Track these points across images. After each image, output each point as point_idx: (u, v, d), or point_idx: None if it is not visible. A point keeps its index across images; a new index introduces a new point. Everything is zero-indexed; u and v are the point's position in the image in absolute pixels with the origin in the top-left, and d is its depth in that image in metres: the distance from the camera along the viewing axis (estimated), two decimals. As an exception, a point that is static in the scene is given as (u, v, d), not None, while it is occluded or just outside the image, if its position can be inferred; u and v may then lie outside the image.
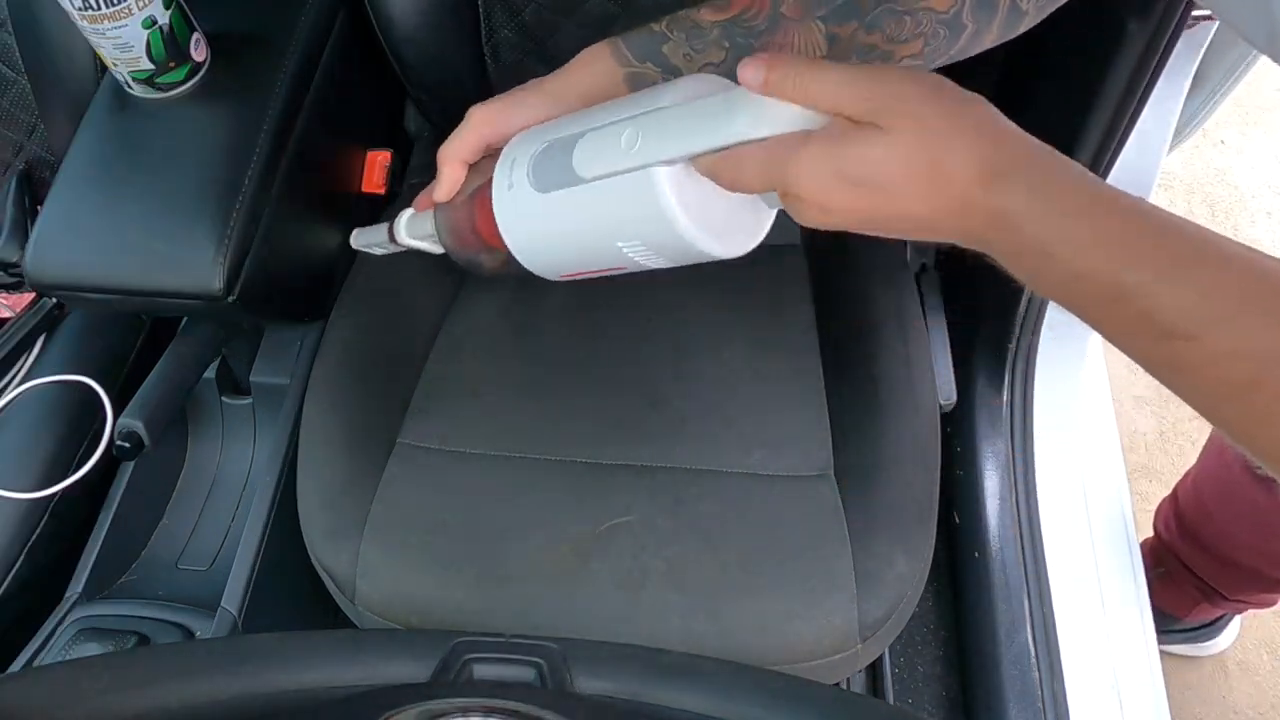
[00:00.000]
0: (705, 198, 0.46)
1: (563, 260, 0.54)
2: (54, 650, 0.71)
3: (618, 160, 0.47)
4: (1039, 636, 0.84)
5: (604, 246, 0.50)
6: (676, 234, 0.46)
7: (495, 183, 0.54)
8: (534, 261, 0.55)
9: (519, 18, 0.80)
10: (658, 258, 0.50)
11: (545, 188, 0.51)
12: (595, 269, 0.54)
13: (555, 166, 0.50)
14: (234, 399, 0.86)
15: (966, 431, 0.94)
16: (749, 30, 0.52)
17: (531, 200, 0.52)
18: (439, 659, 0.42)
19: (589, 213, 0.49)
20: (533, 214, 0.52)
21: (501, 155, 0.54)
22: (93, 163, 0.70)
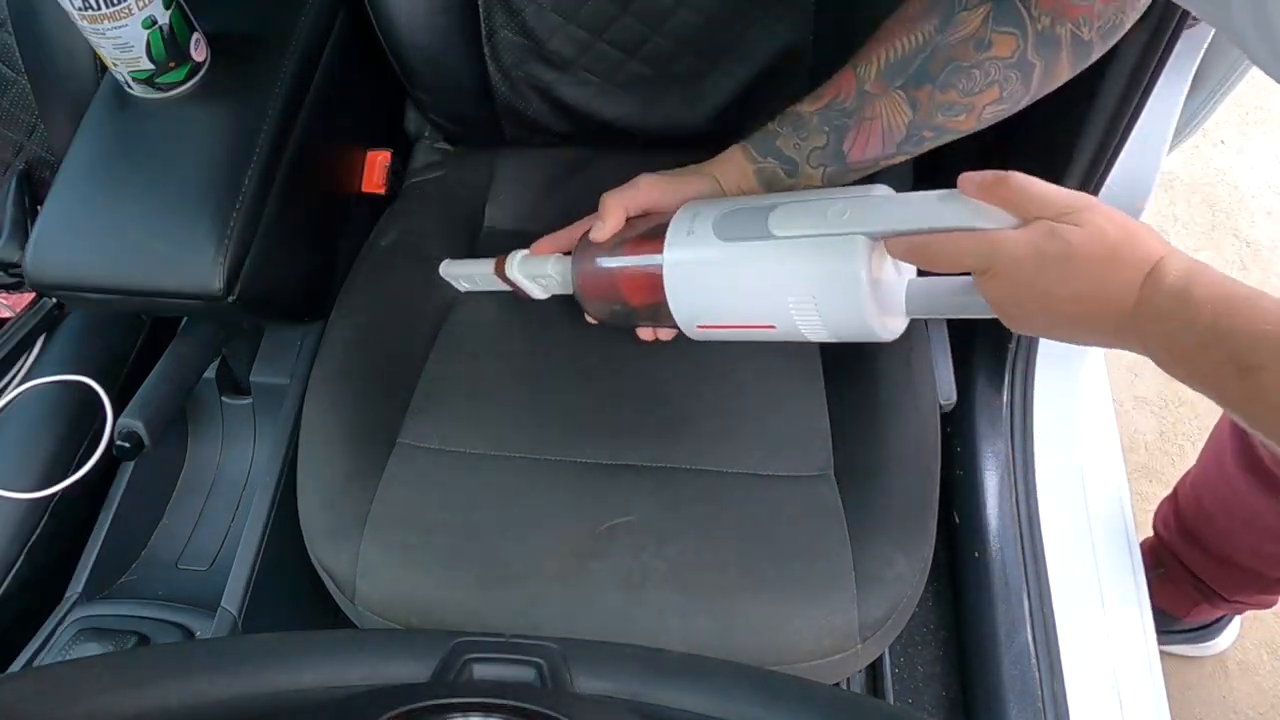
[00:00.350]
0: (881, 283, 0.53)
1: (716, 308, 0.59)
2: (54, 650, 0.71)
3: (821, 225, 0.53)
4: (1039, 636, 0.84)
5: (771, 302, 0.55)
6: (857, 297, 0.52)
7: (672, 228, 0.59)
8: (682, 305, 0.59)
9: (519, 18, 0.80)
10: (816, 321, 0.54)
11: (731, 238, 0.56)
12: (744, 323, 0.58)
13: (748, 223, 0.56)
14: (234, 399, 0.86)
15: (966, 431, 0.94)
16: (842, 112, 0.60)
17: (710, 245, 0.57)
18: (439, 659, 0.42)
19: (773, 264, 0.54)
20: (707, 258, 0.57)
21: (681, 210, 0.61)
22: (93, 163, 0.70)
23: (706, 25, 0.80)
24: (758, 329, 0.58)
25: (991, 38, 0.55)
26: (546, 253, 0.69)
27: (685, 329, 0.62)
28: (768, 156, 0.63)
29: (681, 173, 0.65)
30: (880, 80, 0.58)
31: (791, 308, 0.54)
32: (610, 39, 0.81)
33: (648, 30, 0.80)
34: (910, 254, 0.52)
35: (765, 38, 0.80)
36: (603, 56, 0.83)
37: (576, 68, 0.84)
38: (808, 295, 0.53)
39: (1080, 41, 0.56)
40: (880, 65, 0.58)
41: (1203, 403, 1.35)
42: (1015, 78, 0.56)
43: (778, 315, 0.56)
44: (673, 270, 0.58)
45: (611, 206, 0.63)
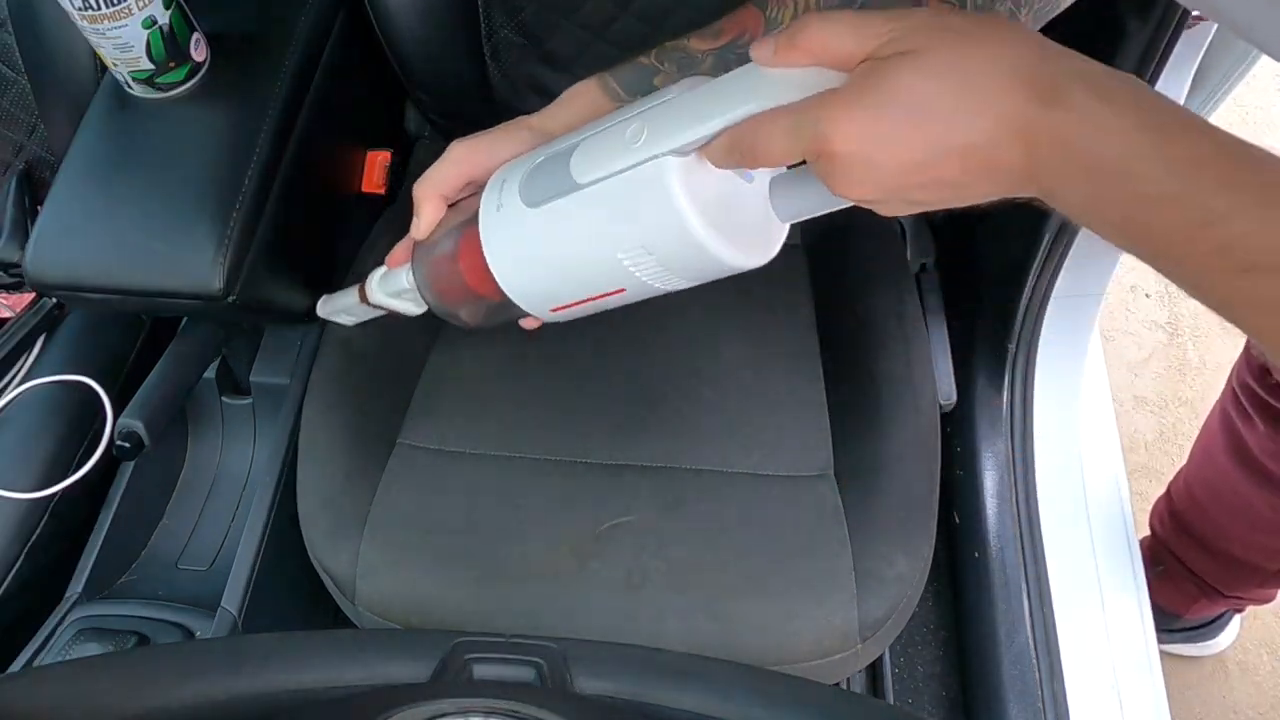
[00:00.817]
0: (719, 200, 0.42)
1: (556, 286, 0.49)
2: (54, 650, 0.71)
3: (621, 158, 0.42)
4: (1039, 636, 0.84)
5: (604, 262, 0.45)
6: (689, 235, 0.41)
7: (483, 207, 0.49)
8: (524, 292, 0.50)
9: (519, 18, 0.80)
10: (663, 271, 0.44)
11: (538, 201, 0.46)
12: (591, 294, 0.49)
13: (551, 177, 0.46)
14: (234, 399, 0.86)
15: (966, 431, 0.94)
16: (743, 57, 0.48)
17: (522, 217, 0.47)
18: (439, 659, 0.42)
19: (587, 222, 0.44)
20: (523, 234, 0.47)
21: (490, 181, 0.51)
22: (93, 163, 0.70)
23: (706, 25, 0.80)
24: (610, 296, 0.49)
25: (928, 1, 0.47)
26: (401, 262, 0.59)
27: (540, 315, 0.54)
28: (637, 94, 0.51)
29: (498, 130, 0.54)
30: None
31: (627, 263, 0.44)
32: (610, 39, 0.81)
33: (648, 30, 0.80)
34: (730, 158, 0.39)
35: (765, 38, 0.80)
36: (603, 56, 0.83)
37: (576, 67, 0.84)
38: (636, 245, 0.43)
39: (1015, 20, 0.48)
40: (798, 8, 0.49)
41: (1202, 402, 1.35)
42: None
43: (618, 276, 0.46)
44: (494, 255, 0.49)
45: (423, 195, 0.53)
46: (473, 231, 0.50)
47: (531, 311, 0.53)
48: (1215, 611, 1.09)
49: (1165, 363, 1.39)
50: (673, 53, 0.52)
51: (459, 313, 0.57)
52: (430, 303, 0.57)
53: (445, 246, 0.54)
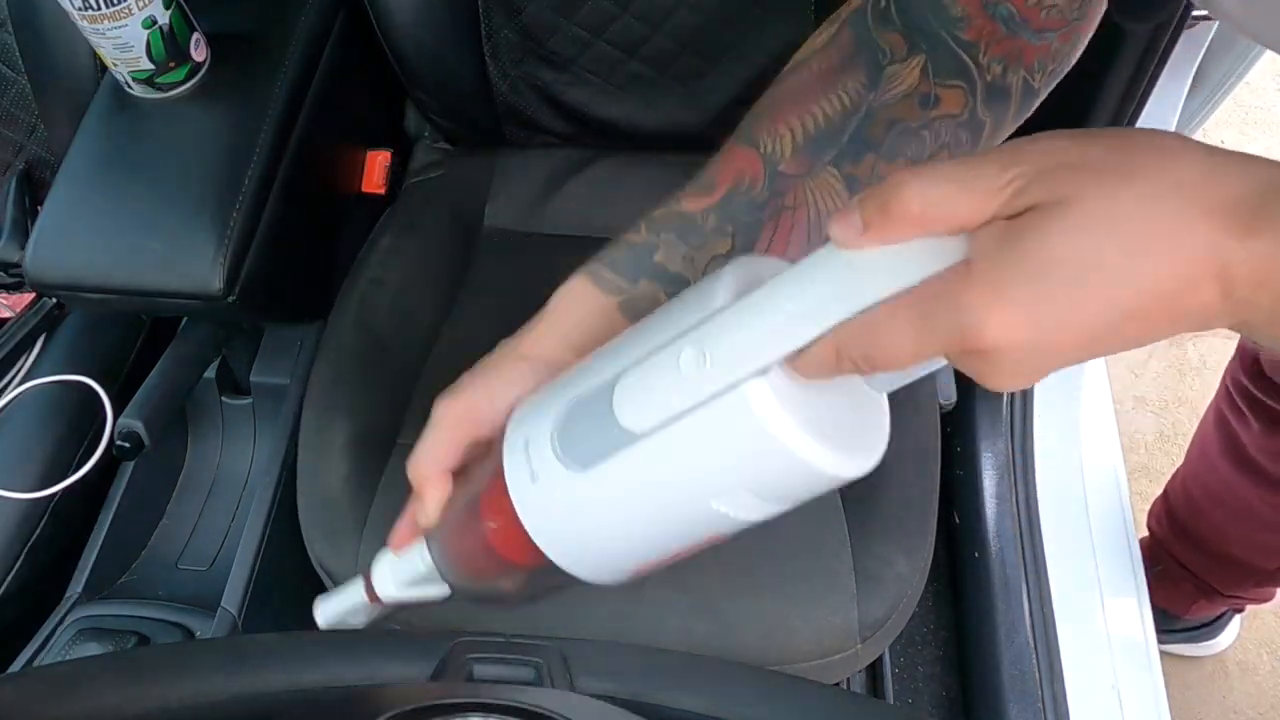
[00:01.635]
0: (814, 407, 0.34)
1: (631, 551, 0.41)
2: (54, 650, 0.71)
3: (684, 393, 0.34)
4: (1039, 636, 0.84)
5: (690, 514, 0.38)
6: (798, 461, 0.33)
7: (511, 481, 0.40)
8: (589, 566, 0.41)
9: (519, 18, 0.80)
10: (766, 504, 0.37)
11: (585, 463, 0.37)
12: (678, 549, 0.41)
13: (593, 429, 0.37)
14: (234, 399, 0.86)
15: (966, 431, 0.94)
16: (750, 204, 0.44)
17: (569, 485, 0.38)
18: (439, 659, 0.42)
19: (661, 477, 0.36)
20: (576, 504, 0.39)
21: (505, 444, 0.41)
22: (93, 163, 0.70)
23: (706, 25, 0.80)
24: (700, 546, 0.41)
25: (937, 92, 0.43)
26: (407, 543, 0.47)
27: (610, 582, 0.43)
28: (640, 279, 0.45)
29: (487, 373, 0.45)
30: (800, 157, 0.44)
31: (723, 508, 0.37)
32: (610, 39, 0.81)
33: (648, 30, 0.80)
34: (838, 369, 0.31)
35: (765, 38, 0.80)
36: (603, 56, 0.83)
37: (576, 67, 0.84)
38: (733, 487, 0.36)
39: (1030, 90, 0.45)
40: (797, 137, 0.44)
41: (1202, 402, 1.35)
42: (965, 138, 0.44)
43: (711, 523, 0.38)
44: (541, 534, 0.40)
45: (422, 475, 0.44)
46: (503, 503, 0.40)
47: (605, 582, 0.43)
48: (1215, 612, 1.09)
49: (1165, 363, 1.39)
50: (666, 221, 0.45)
51: (500, 589, 0.46)
52: (459, 590, 0.46)
53: (466, 528, 0.44)
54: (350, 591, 0.50)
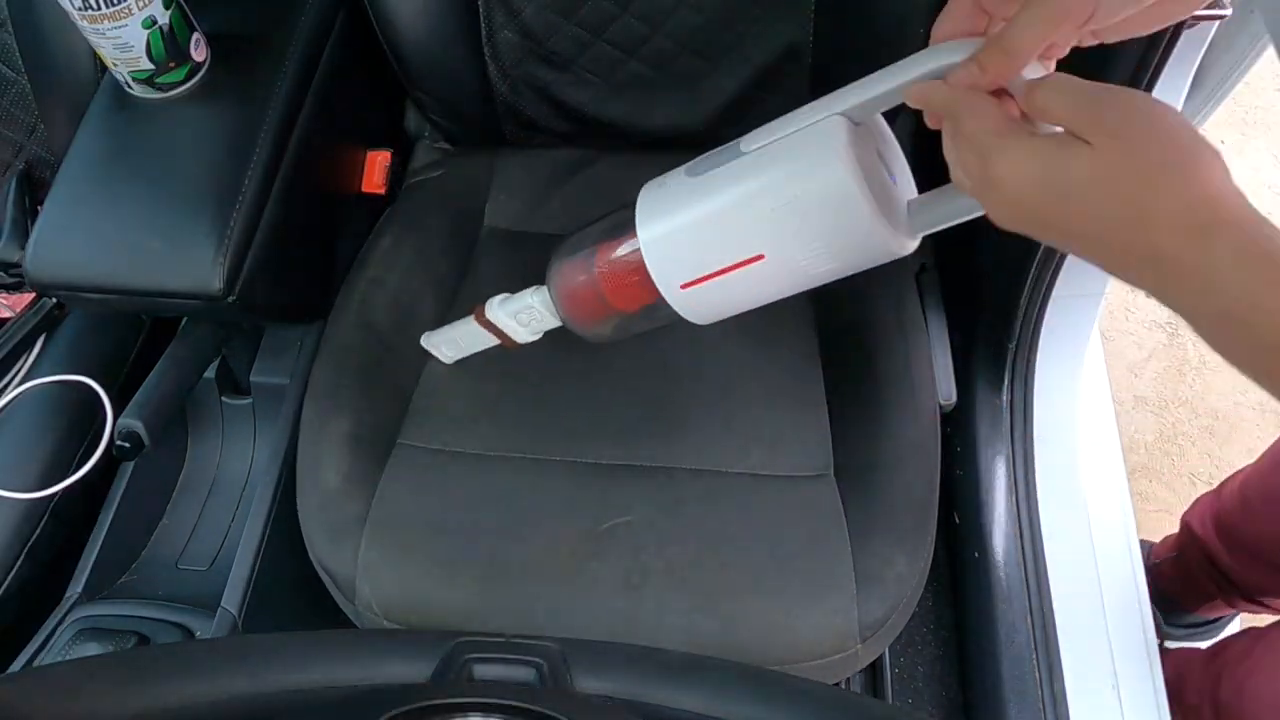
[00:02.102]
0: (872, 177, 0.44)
1: (700, 249, 0.50)
2: (54, 650, 0.71)
3: (791, 124, 0.46)
4: (1039, 636, 0.84)
5: (751, 218, 0.47)
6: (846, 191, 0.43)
7: (644, 187, 0.53)
8: (666, 259, 0.52)
9: (519, 18, 0.80)
10: (807, 234, 0.46)
11: (701, 171, 0.50)
12: (731, 261, 0.49)
13: (719, 153, 0.50)
14: (234, 399, 0.86)
15: (966, 431, 0.94)
16: None
17: (681, 186, 0.51)
18: (439, 659, 0.42)
19: (743, 178, 0.47)
20: (678, 200, 0.51)
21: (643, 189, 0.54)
22: (93, 163, 0.70)
23: (706, 25, 0.80)
24: (747, 264, 0.49)
25: None
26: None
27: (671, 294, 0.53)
28: None
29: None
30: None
31: (775, 216, 0.46)
32: (610, 39, 0.81)
33: (648, 30, 0.80)
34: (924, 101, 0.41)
35: (765, 38, 0.80)
36: (603, 56, 0.83)
37: (576, 67, 0.84)
38: (788, 196, 0.45)
39: None
40: None
41: (1202, 402, 1.35)
42: None
43: (762, 236, 0.47)
44: (644, 220, 0.52)
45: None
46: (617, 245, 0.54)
47: (663, 289, 0.53)
48: (1227, 612, 1.09)
49: (1165, 363, 1.39)
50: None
51: (588, 329, 0.60)
52: (564, 319, 0.60)
53: (583, 266, 0.57)
54: (460, 323, 0.69)
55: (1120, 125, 0.34)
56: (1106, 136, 0.35)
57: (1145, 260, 0.34)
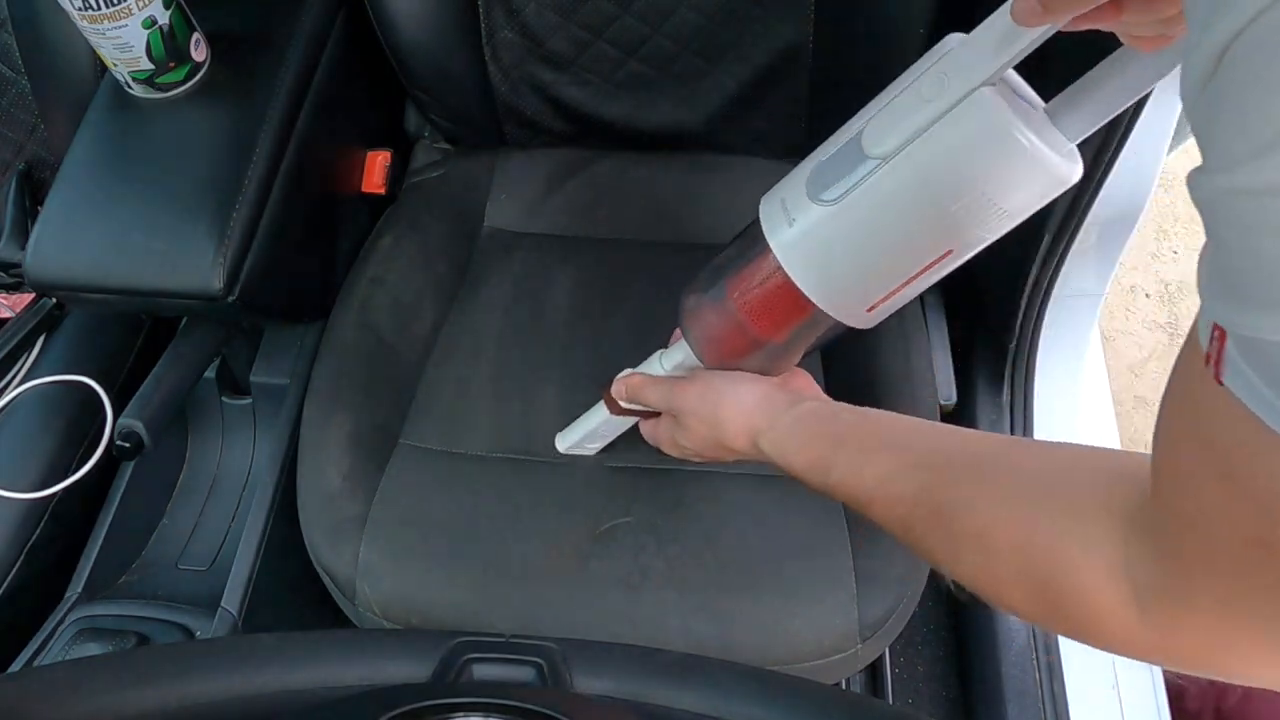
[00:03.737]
0: (1028, 120, 0.41)
1: (880, 274, 0.47)
2: (54, 650, 0.71)
3: (927, 111, 0.42)
4: (1039, 636, 0.84)
5: (931, 224, 0.44)
6: (1025, 154, 0.40)
7: (769, 232, 0.48)
8: (839, 296, 0.48)
9: (519, 18, 0.80)
10: (995, 209, 0.43)
11: (839, 195, 0.45)
12: (918, 269, 0.46)
13: (843, 170, 0.45)
14: (234, 399, 0.86)
15: (966, 431, 0.94)
16: None
17: (824, 221, 0.45)
18: (439, 659, 0.42)
19: (906, 188, 0.43)
20: (829, 237, 0.46)
21: (761, 211, 0.50)
22: (93, 163, 0.70)
23: (706, 25, 0.80)
24: (934, 266, 0.46)
25: None
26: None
27: (855, 321, 0.51)
28: None
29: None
30: None
31: (959, 213, 0.43)
32: (610, 39, 0.81)
33: (648, 30, 0.80)
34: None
35: (765, 38, 0.80)
36: (603, 56, 0.83)
37: (576, 67, 0.84)
38: (969, 188, 0.42)
39: None
40: None
41: (1203, 403, 1.35)
42: None
43: (948, 233, 0.44)
44: (803, 273, 0.48)
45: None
46: (753, 273, 0.50)
47: (845, 318, 0.50)
48: None
49: (1165, 363, 1.39)
50: None
51: (746, 366, 0.57)
52: (708, 364, 0.58)
53: (719, 304, 0.53)
54: (592, 413, 0.67)
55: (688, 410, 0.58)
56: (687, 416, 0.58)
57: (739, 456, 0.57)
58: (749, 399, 0.55)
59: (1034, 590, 0.36)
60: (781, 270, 0.48)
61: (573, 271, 0.85)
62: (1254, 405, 0.20)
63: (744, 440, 0.55)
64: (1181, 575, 0.29)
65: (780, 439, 0.53)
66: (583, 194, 0.90)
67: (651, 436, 0.64)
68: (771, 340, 0.53)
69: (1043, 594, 0.35)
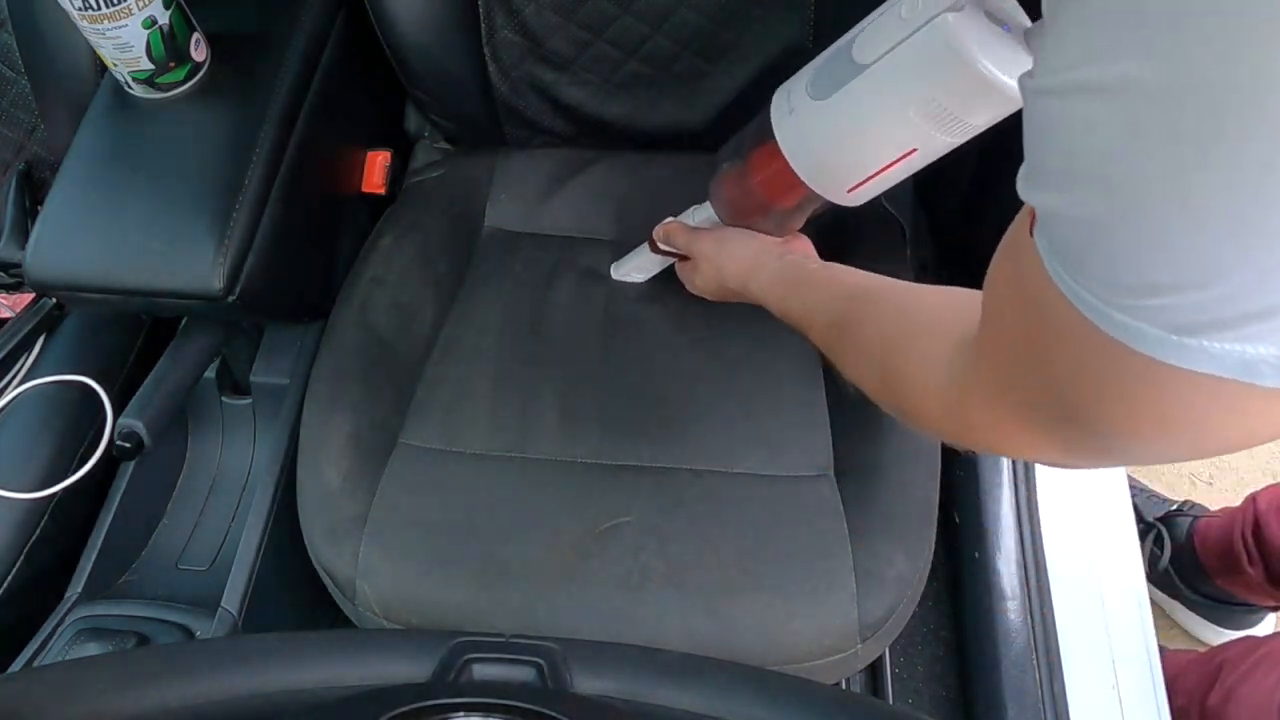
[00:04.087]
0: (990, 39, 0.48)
1: (855, 163, 0.56)
2: (54, 650, 0.71)
3: (901, 30, 0.49)
4: (1039, 636, 0.84)
5: (898, 125, 0.52)
6: (978, 77, 0.47)
7: (774, 116, 0.59)
8: (825, 179, 0.58)
9: (519, 18, 0.80)
10: (950, 118, 0.50)
11: (829, 93, 0.54)
12: (886, 162, 0.55)
13: (836, 69, 0.54)
14: (234, 399, 0.86)
15: (966, 431, 0.94)
16: None
17: (816, 111, 0.55)
18: (439, 659, 0.42)
19: (880, 92, 0.51)
20: (820, 125, 0.56)
21: (772, 103, 0.60)
22: (93, 163, 0.70)
23: (707, 25, 0.80)
24: (901, 161, 0.54)
25: None
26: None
27: (838, 199, 0.60)
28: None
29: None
30: None
31: (920, 120, 0.51)
32: (610, 39, 0.81)
33: (648, 30, 0.80)
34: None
35: (765, 38, 0.80)
36: (603, 56, 0.83)
37: (576, 67, 0.84)
38: (927, 98, 0.50)
39: None
40: None
41: (1203, 403, 1.35)
42: None
43: (912, 135, 0.52)
44: (795, 154, 0.58)
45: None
46: (766, 152, 0.60)
47: (828, 196, 0.60)
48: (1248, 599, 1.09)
49: (1165, 363, 1.39)
50: None
51: (752, 224, 0.69)
52: (728, 222, 0.70)
53: (737, 172, 0.64)
54: (638, 250, 0.80)
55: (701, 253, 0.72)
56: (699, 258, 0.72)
57: (733, 294, 0.69)
58: (747, 250, 0.68)
59: (885, 383, 0.49)
60: (781, 150, 0.59)
61: (573, 271, 0.85)
62: (1041, 248, 0.28)
63: (738, 282, 0.67)
64: (976, 369, 0.38)
65: (763, 282, 0.65)
66: (583, 194, 0.90)
67: (680, 275, 0.77)
68: (774, 205, 0.64)
69: (889, 385, 0.49)
